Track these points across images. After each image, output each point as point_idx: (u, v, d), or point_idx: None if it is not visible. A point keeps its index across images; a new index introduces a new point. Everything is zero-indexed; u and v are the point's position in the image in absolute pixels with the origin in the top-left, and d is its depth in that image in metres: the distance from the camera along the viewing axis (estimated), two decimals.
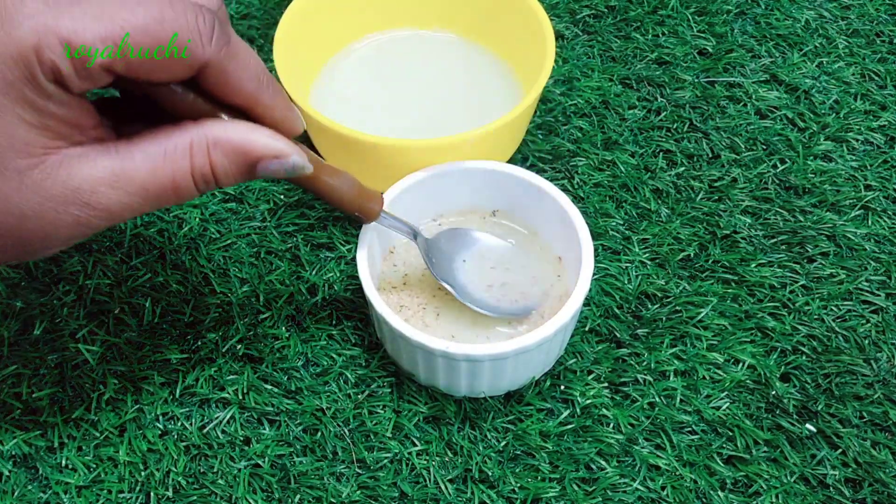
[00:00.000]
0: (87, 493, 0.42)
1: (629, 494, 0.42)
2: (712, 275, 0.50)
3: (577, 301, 0.42)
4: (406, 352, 0.43)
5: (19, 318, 0.47)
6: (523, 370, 0.44)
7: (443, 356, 0.41)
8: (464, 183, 0.48)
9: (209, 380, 0.45)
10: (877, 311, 0.49)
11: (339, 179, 0.40)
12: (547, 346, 0.43)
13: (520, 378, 0.44)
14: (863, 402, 0.45)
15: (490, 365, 0.42)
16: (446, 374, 0.43)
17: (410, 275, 0.47)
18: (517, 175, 0.47)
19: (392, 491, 0.42)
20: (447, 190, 0.48)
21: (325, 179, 0.40)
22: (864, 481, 0.43)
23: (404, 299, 0.46)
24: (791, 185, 0.54)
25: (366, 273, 0.43)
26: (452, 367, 0.42)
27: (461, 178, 0.47)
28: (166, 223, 0.51)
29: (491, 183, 0.48)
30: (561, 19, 0.63)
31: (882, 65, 0.61)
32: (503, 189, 0.48)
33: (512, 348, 0.41)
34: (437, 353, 0.41)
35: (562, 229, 0.46)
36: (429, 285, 0.47)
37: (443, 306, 0.46)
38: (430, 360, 0.42)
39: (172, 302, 0.48)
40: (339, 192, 0.40)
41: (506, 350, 0.41)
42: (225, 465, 0.43)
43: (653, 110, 0.58)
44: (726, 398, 0.45)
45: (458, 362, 0.42)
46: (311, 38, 0.53)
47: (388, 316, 0.41)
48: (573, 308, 0.42)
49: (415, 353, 0.43)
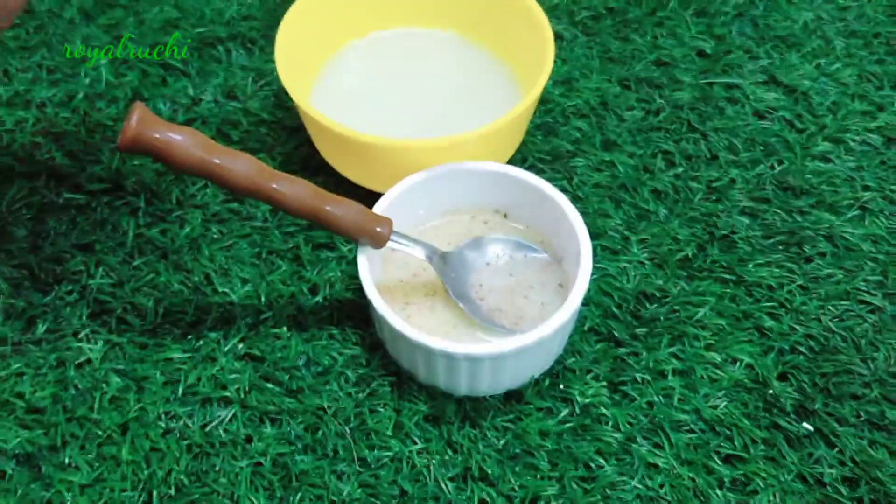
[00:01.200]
0: (90, 492, 0.42)
1: (628, 493, 0.43)
2: (710, 275, 0.50)
3: (575, 300, 0.42)
4: (406, 351, 0.44)
5: (22, 318, 0.48)
6: (523, 369, 0.44)
7: (443, 355, 0.42)
8: (466, 183, 0.48)
9: (211, 379, 0.46)
10: (874, 310, 0.49)
11: (343, 209, 0.41)
12: (546, 346, 0.43)
13: (520, 377, 0.45)
14: (860, 401, 0.46)
15: (490, 364, 0.42)
16: (446, 374, 0.43)
17: (411, 275, 0.48)
18: (517, 176, 0.47)
19: (392, 489, 0.43)
20: (449, 190, 0.48)
21: (328, 209, 0.41)
22: (861, 480, 0.43)
23: (406, 298, 0.47)
24: (789, 186, 0.54)
25: (366, 273, 0.43)
26: (452, 367, 0.42)
27: (463, 178, 0.48)
28: (168, 223, 0.52)
29: (492, 184, 0.48)
30: (560, 20, 0.63)
31: (880, 66, 0.61)
32: (504, 190, 0.48)
33: (511, 347, 0.41)
34: (437, 353, 0.41)
35: (561, 230, 0.46)
36: (430, 285, 0.47)
37: (444, 306, 0.46)
38: (430, 360, 0.43)
39: (174, 301, 0.48)
40: (344, 221, 0.41)
41: (505, 349, 0.41)
42: (227, 464, 0.43)
43: (652, 111, 0.58)
44: (724, 397, 0.46)
45: (458, 361, 0.42)
46: (312, 37, 0.53)
47: (388, 316, 0.42)
48: (572, 308, 0.42)
49: (415, 353, 0.43)
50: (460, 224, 0.49)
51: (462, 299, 0.45)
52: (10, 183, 0.53)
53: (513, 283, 0.47)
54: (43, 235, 0.51)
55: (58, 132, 0.56)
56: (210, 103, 0.58)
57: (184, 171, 0.39)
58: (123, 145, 0.38)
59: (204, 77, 0.59)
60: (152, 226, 0.52)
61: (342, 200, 0.42)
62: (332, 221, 0.42)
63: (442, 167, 0.47)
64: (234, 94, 0.58)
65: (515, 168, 0.47)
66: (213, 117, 0.57)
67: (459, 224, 0.49)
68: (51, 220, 0.51)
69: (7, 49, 0.60)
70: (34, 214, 0.52)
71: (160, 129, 0.38)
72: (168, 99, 0.58)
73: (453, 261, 0.46)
